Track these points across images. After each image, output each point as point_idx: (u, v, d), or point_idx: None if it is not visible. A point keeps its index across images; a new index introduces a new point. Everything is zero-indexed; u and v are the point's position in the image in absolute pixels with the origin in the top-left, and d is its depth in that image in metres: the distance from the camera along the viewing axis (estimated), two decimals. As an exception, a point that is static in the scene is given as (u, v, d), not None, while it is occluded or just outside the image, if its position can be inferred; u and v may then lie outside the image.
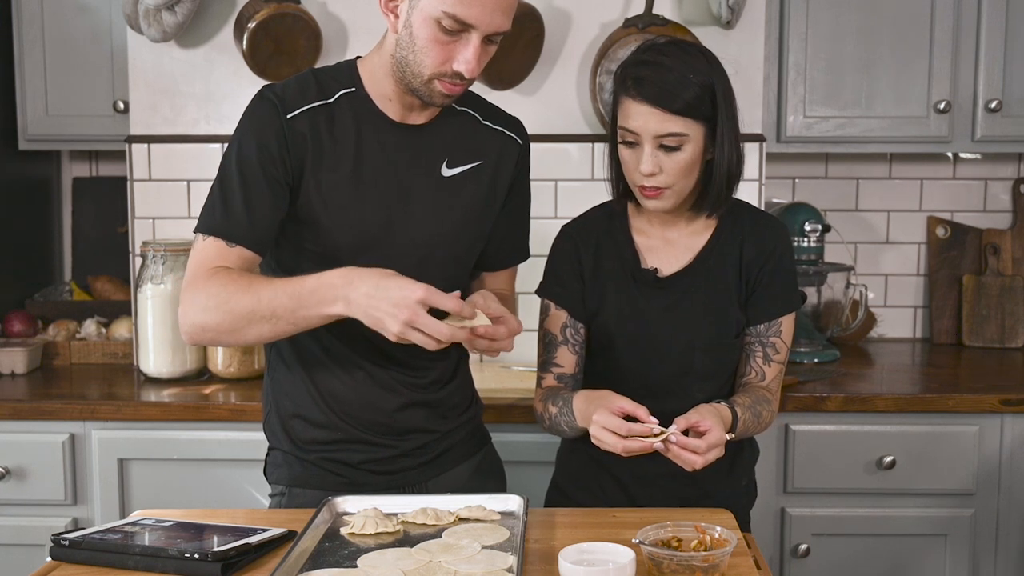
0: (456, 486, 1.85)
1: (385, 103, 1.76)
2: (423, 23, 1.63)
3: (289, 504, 1.85)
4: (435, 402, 1.87)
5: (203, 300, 1.65)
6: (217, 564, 1.46)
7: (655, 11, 2.62)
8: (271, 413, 1.88)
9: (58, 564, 1.54)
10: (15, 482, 2.46)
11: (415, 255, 1.76)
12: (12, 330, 2.90)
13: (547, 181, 2.73)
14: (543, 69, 2.70)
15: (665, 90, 1.73)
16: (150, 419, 2.45)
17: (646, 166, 1.75)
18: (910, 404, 2.47)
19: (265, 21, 2.57)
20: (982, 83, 2.82)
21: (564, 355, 1.91)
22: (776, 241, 1.89)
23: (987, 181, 3.16)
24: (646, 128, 1.74)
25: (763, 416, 1.83)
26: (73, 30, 2.92)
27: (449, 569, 1.46)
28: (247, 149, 1.71)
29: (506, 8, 1.64)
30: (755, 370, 1.88)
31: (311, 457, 1.84)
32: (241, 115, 1.75)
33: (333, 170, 1.73)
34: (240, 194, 1.69)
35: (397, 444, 1.84)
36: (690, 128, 1.74)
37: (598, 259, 1.90)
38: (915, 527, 2.50)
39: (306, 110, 1.72)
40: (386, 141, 1.76)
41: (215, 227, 1.70)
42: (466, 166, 1.81)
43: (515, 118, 1.91)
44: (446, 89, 1.68)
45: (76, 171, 3.26)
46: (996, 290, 3.08)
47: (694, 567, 1.45)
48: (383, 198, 1.75)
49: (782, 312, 1.88)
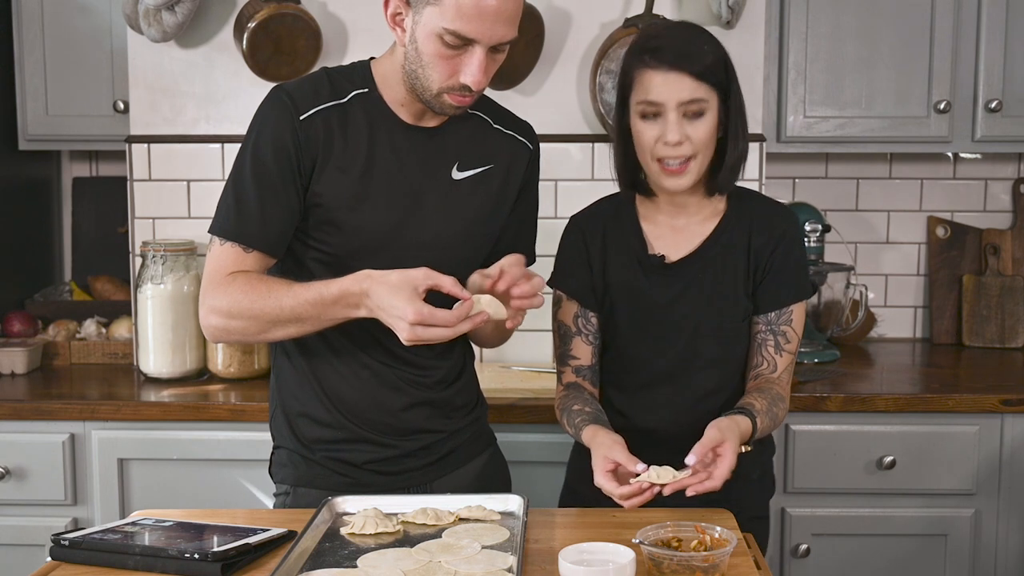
0: (461, 487, 1.85)
1: (397, 106, 1.77)
2: (427, 39, 1.64)
3: (294, 504, 1.85)
4: (440, 401, 1.87)
5: (225, 306, 1.68)
6: (217, 564, 1.47)
7: (655, 11, 2.61)
8: (277, 411, 1.89)
9: (58, 564, 1.54)
10: (15, 482, 2.46)
11: (424, 257, 1.76)
12: (12, 330, 2.90)
13: (547, 181, 2.71)
14: (543, 69, 2.70)
15: (685, 53, 1.75)
16: (150, 419, 2.45)
17: (673, 135, 1.75)
18: (910, 404, 2.47)
19: (265, 21, 2.57)
20: (982, 83, 2.81)
21: (579, 346, 1.92)
22: (785, 228, 1.88)
23: (987, 181, 3.16)
24: (671, 95, 1.75)
25: (779, 416, 1.83)
26: (73, 30, 2.92)
27: (449, 569, 1.46)
28: (262, 151, 1.71)
29: (508, 19, 1.63)
30: (767, 360, 1.86)
31: (316, 456, 1.84)
32: (254, 115, 1.75)
33: (344, 171, 1.73)
34: (256, 198, 1.70)
35: (402, 444, 1.84)
36: (710, 95, 1.76)
37: (605, 247, 1.91)
38: (915, 527, 2.50)
39: (320, 110, 1.72)
40: (398, 143, 1.76)
41: (231, 231, 1.71)
42: (476, 170, 1.82)
43: (526, 122, 1.91)
44: (455, 101, 1.69)
45: (76, 171, 3.26)
46: (996, 290, 3.08)
47: (694, 567, 1.45)
48: (393, 200, 1.76)
49: (793, 299, 1.87)
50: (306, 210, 1.74)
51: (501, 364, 2.75)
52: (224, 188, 1.75)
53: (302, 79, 1.79)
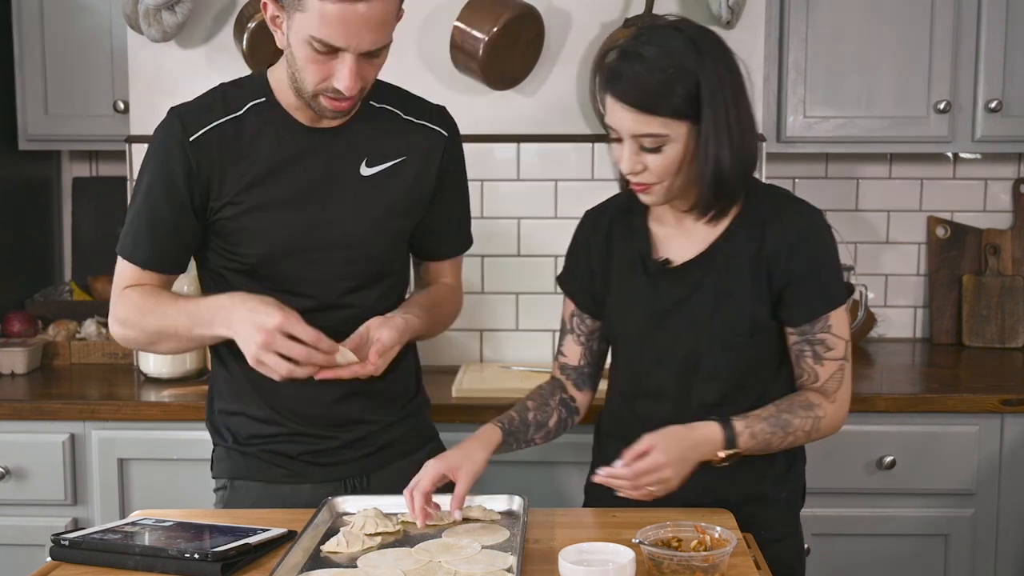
0: (400, 481, 1.80)
1: (295, 110, 1.78)
2: (298, 44, 1.65)
3: (232, 497, 1.88)
4: (375, 392, 1.86)
5: (121, 315, 1.79)
6: (217, 564, 1.47)
7: (655, 11, 2.61)
8: (212, 413, 1.91)
9: (58, 564, 1.54)
10: (15, 482, 2.46)
11: (339, 256, 1.80)
12: (12, 330, 2.90)
13: (547, 181, 2.73)
14: (543, 69, 2.69)
15: (640, 88, 1.61)
16: (150, 419, 2.45)
17: (626, 165, 1.67)
18: (910, 404, 2.47)
19: (265, 21, 2.57)
20: (982, 83, 2.81)
21: (569, 344, 1.91)
22: (805, 229, 1.74)
23: (987, 181, 3.16)
24: (623, 127, 1.65)
25: (795, 424, 1.71)
26: (73, 30, 2.92)
27: (449, 569, 1.46)
28: (152, 177, 1.78)
29: (375, 26, 1.62)
30: (806, 371, 1.77)
31: (252, 450, 1.86)
32: (151, 138, 1.79)
33: (244, 181, 1.76)
34: (146, 224, 1.79)
35: (337, 435, 1.86)
36: (671, 128, 1.63)
37: (608, 248, 1.84)
38: (915, 527, 2.50)
39: (212, 128, 1.75)
40: (299, 147, 1.78)
41: (127, 252, 1.82)
42: (387, 164, 1.82)
43: (439, 108, 1.90)
44: (331, 105, 1.70)
45: (76, 171, 3.26)
46: (996, 290, 3.08)
47: (694, 567, 1.45)
48: (299, 203, 1.77)
49: (825, 309, 1.73)
50: (212, 224, 1.78)
51: (501, 364, 2.75)
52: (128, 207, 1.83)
53: (199, 98, 1.82)
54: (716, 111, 1.63)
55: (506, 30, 2.51)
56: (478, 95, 2.67)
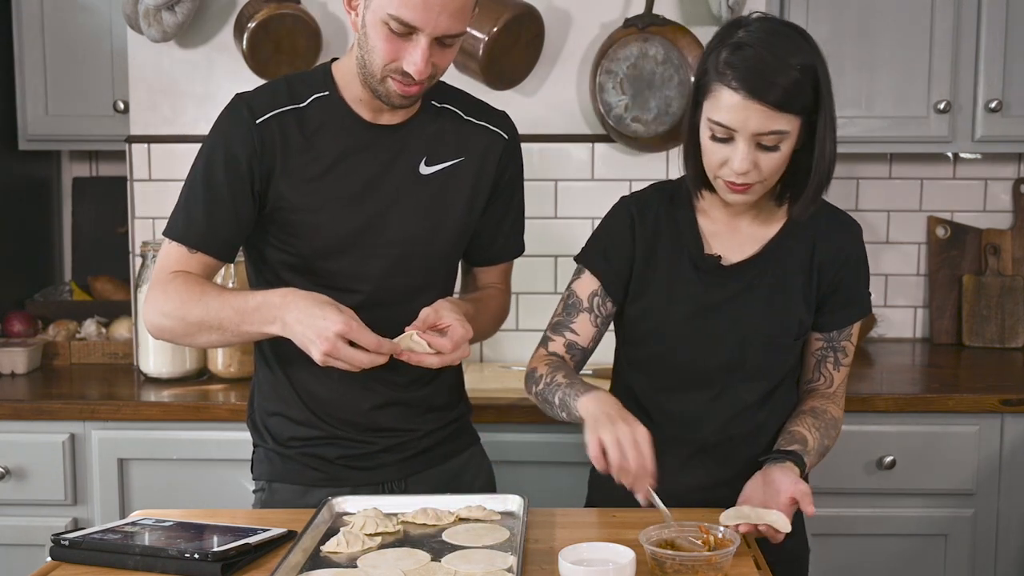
0: (439, 486, 1.84)
1: (358, 105, 1.77)
2: (374, 24, 1.65)
3: (270, 499, 1.87)
4: (414, 401, 1.86)
5: (161, 304, 1.72)
6: (217, 564, 1.46)
7: (655, 11, 2.62)
8: (254, 413, 1.91)
9: (58, 564, 1.54)
10: (15, 482, 2.46)
11: (392, 254, 1.78)
12: (12, 330, 2.90)
13: (547, 181, 2.73)
14: (543, 69, 2.69)
15: (769, 78, 1.57)
16: (150, 419, 2.45)
17: (741, 165, 1.61)
18: (910, 404, 2.47)
19: (265, 21, 2.57)
20: (982, 83, 2.81)
21: (584, 323, 1.81)
22: (854, 244, 1.80)
23: (987, 181, 3.16)
24: (746, 125, 1.59)
25: (829, 446, 1.77)
26: (73, 30, 2.92)
27: (449, 569, 1.46)
28: (214, 158, 1.74)
29: (453, 11, 1.63)
30: (824, 376, 1.80)
31: (291, 453, 1.85)
32: (215, 121, 1.77)
33: (305, 173, 1.75)
34: (203, 202, 1.74)
35: (374, 441, 1.85)
36: (792, 124, 1.61)
37: (655, 240, 1.79)
38: (915, 527, 2.50)
39: (276, 114, 1.74)
40: (359, 142, 1.77)
41: (177, 232, 1.76)
42: (446, 163, 1.81)
43: (501, 112, 1.90)
44: (399, 88, 1.68)
45: (76, 171, 3.26)
46: (996, 290, 3.08)
47: (697, 567, 1.45)
48: (356, 199, 1.76)
49: (858, 318, 1.81)
50: (269, 214, 1.76)
51: (501, 364, 2.75)
52: (180, 192, 1.78)
53: (262, 86, 1.82)
54: (830, 106, 1.66)
55: (506, 30, 2.51)
56: (478, 95, 2.65)
